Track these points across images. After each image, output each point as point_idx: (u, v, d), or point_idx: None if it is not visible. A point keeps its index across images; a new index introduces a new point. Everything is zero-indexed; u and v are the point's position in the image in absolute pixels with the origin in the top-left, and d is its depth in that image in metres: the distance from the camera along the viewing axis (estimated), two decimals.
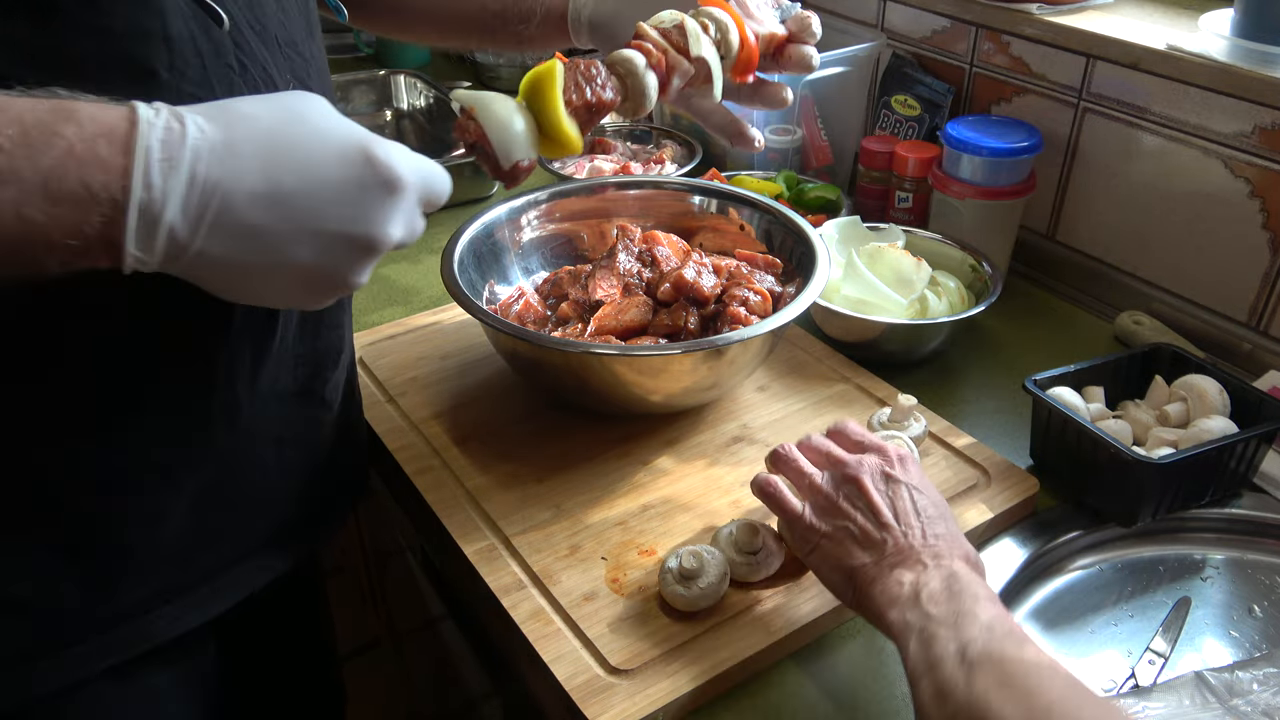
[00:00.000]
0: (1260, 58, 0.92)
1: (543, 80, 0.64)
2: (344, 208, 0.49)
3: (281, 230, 0.47)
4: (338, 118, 0.51)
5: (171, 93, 0.52)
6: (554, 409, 0.89)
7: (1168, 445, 0.81)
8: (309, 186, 0.48)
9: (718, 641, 0.67)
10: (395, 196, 0.50)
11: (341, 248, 0.50)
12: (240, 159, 0.46)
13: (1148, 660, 0.72)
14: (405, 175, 0.50)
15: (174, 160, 0.44)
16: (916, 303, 0.98)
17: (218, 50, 0.55)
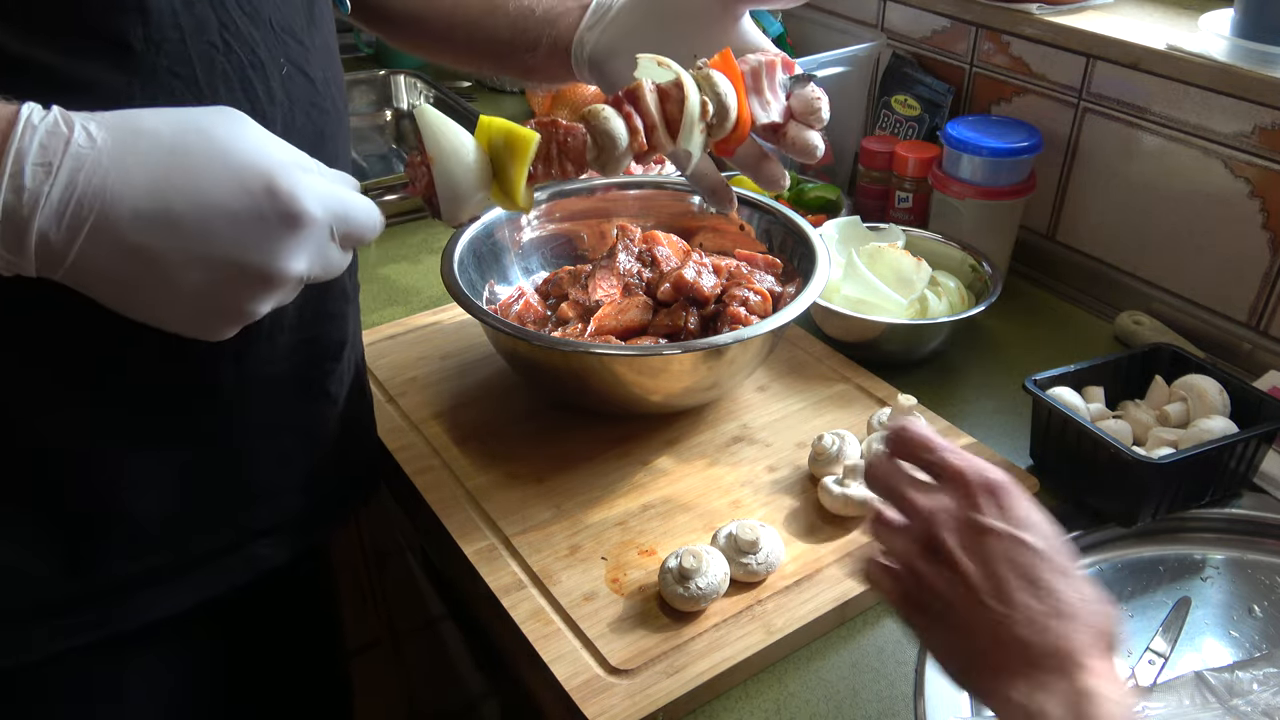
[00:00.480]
0: (1260, 58, 0.92)
1: (516, 150, 0.59)
2: (238, 237, 0.47)
3: (166, 252, 0.46)
4: (253, 140, 0.49)
5: (148, 67, 0.52)
6: (554, 409, 0.89)
7: (1168, 445, 0.81)
8: (200, 211, 0.46)
9: (718, 641, 0.67)
10: (297, 231, 0.48)
11: (234, 277, 0.48)
12: (128, 173, 0.45)
13: (1148, 660, 0.72)
14: (310, 210, 0.48)
15: (51, 165, 0.43)
16: (916, 303, 0.98)
17: (200, 26, 0.54)
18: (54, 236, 0.44)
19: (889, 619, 0.72)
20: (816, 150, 0.71)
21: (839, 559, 0.74)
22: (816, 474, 0.81)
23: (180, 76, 0.53)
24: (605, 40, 0.76)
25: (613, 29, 0.75)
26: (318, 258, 0.50)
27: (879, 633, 0.71)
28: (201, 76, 0.54)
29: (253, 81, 0.58)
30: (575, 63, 0.78)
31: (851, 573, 0.65)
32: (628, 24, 0.75)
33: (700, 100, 0.63)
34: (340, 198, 0.51)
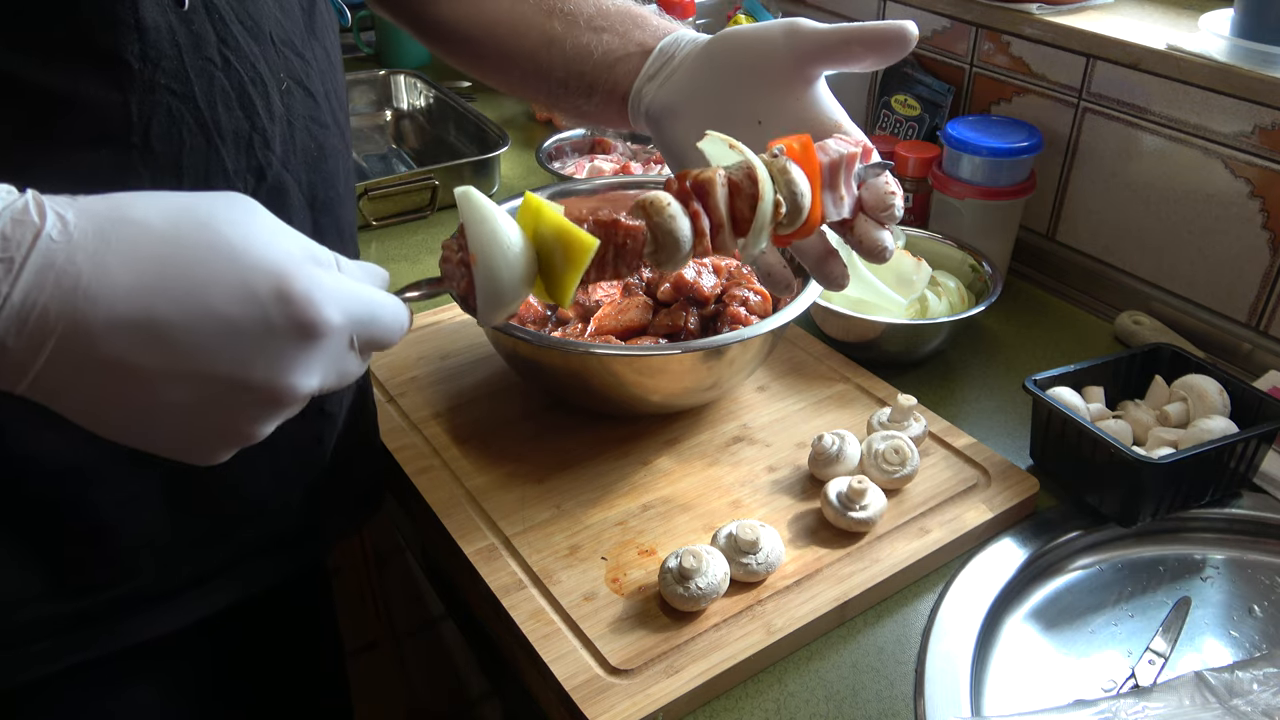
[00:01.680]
0: (1260, 58, 0.92)
1: (572, 256, 0.51)
2: (240, 351, 0.40)
3: (149, 367, 0.39)
4: (263, 232, 0.42)
5: (145, 85, 0.50)
6: (554, 409, 0.89)
7: (1168, 445, 0.81)
8: (192, 320, 0.39)
9: (718, 641, 0.67)
10: (312, 342, 0.41)
11: (234, 396, 0.41)
12: (107, 273, 0.38)
13: (1148, 660, 0.72)
14: (328, 318, 0.41)
15: (13, 261, 0.36)
16: (916, 303, 0.98)
17: (198, 43, 0.52)
18: (13, 345, 0.37)
19: (889, 619, 0.72)
20: (886, 252, 0.62)
21: (839, 558, 0.74)
22: (817, 474, 0.81)
23: (178, 94, 0.52)
24: (665, 95, 0.70)
25: (675, 84, 0.69)
26: (332, 369, 0.44)
27: (879, 633, 0.71)
28: (200, 94, 0.53)
29: (252, 98, 0.57)
30: (632, 113, 0.73)
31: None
32: (692, 80, 0.68)
33: (774, 199, 0.55)
34: (364, 299, 0.44)
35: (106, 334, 0.38)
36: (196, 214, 0.41)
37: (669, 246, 0.54)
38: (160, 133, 0.52)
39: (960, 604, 0.72)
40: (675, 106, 0.68)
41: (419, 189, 1.26)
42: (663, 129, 0.70)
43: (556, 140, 1.38)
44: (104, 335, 0.38)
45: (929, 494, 0.80)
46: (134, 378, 0.39)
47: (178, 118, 0.53)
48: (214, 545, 0.67)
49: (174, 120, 0.52)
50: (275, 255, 0.41)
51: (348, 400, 0.73)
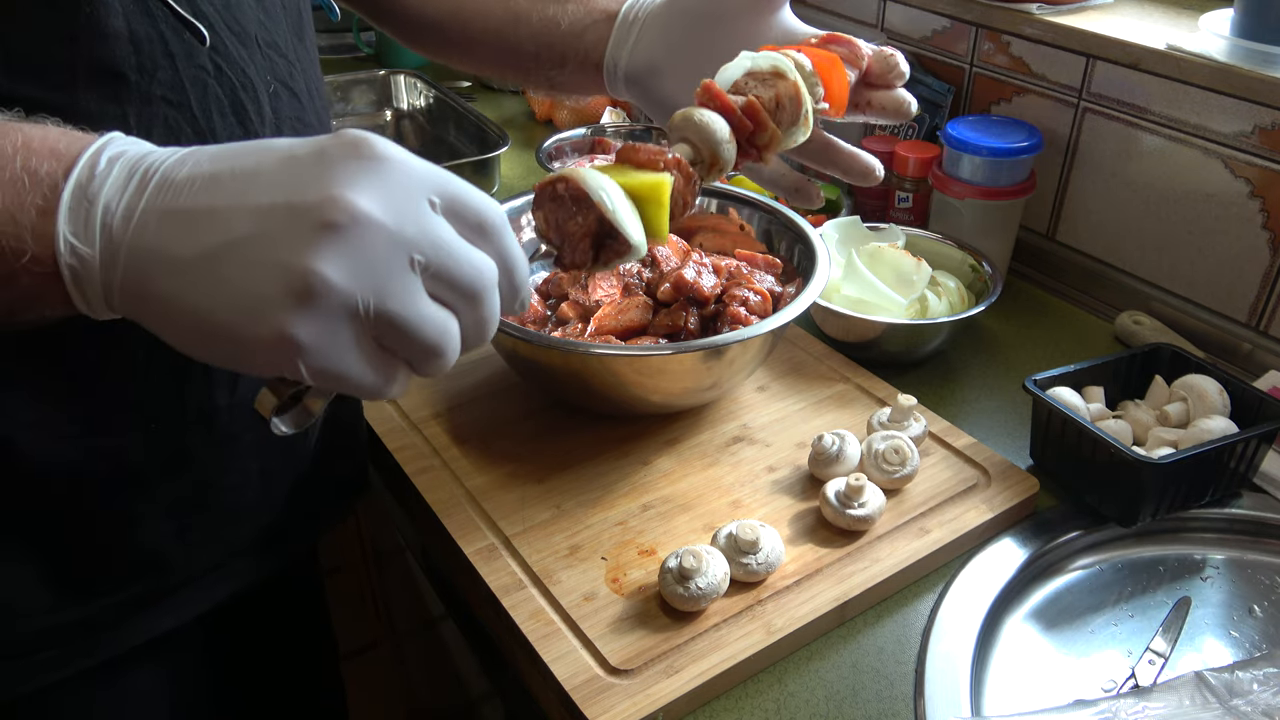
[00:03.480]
0: (1260, 58, 0.92)
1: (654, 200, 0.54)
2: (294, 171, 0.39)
3: (219, 205, 0.39)
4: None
5: (141, 96, 0.51)
6: (554, 409, 0.89)
7: (1168, 445, 0.81)
8: (258, 162, 0.40)
9: (718, 641, 0.67)
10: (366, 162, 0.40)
11: (286, 218, 0.39)
12: (197, 155, 0.41)
13: (1148, 660, 0.72)
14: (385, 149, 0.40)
15: (118, 155, 0.41)
16: (916, 303, 0.98)
17: (190, 52, 0.53)
18: (116, 209, 0.39)
19: (889, 619, 0.72)
20: (910, 105, 0.67)
21: (839, 558, 0.74)
22: (817, 474, 0.81)
23: (174, 104, 0.52)
24: (644, 56, 0.72)
25: (649, 43, 0.71)
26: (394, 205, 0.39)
27: (879, 633, 0.71)
28: (195, 103, 0.54)
29: (244, 103, 0.57)
30: (609, 80, 0.75)
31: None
32: (666, 37, 0.71)
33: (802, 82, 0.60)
34: (447, 175, 0.42)
35: (186, 188, 0.40)
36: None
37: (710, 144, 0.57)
38: (159, 144, 0.51)
39: (960, 604, 0.72)
40: (656, 64, 0.71)
41: None
42: (649, 89, 0.72)
43: (556, 140, 1.38)
44: (184, 189, 0.40)
45: (929, 494, 0.80)
46: (206, 215, 0.39)
47: (175, 128, 0.53)
48: (209, 545, 0.67)
49: (171, 131, 0.53)
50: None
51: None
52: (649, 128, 1.42)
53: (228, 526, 0.68)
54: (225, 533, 0.68)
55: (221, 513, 0.67)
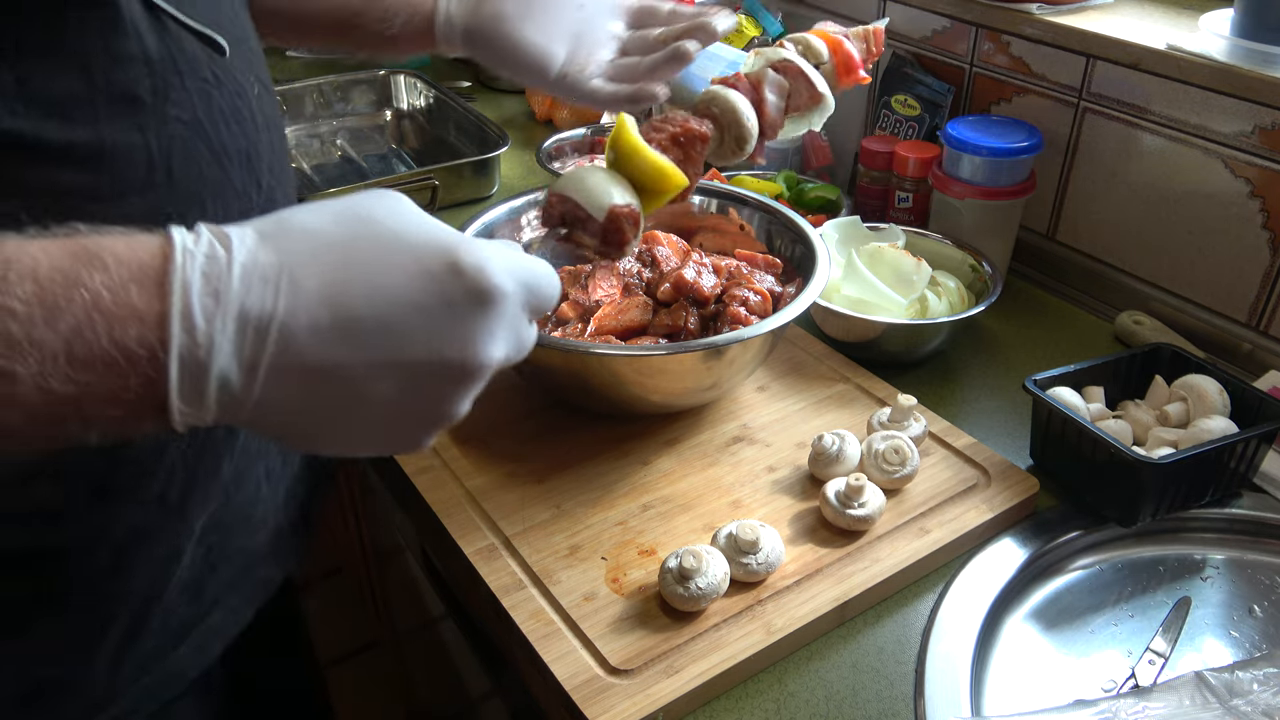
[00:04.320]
0: (1260, 58, 0.92)
1: (616, 133, 0.60)
2: (430, 330, 0.41)
3: (353, 364, 0.40)
4: (417, 217, 0.43)
5: (159, 119, 0.49)
6: (554, 409, 0.89)
7: (1168, 445, 0.81)
8: (381, 309, 0.40)
9: (718, 641, 0.67)
10: (490, 309, 0.42)
11: (433, 379, 0.42)
12: (298, 284, 0.39)
13: (1148, 660, 0.72)
14: (502, 284, 0.42)
15: (220, 294, 0.37)
16: (916, 303, 0.98)
17: (194, 66, 0.52)
18: (234, 377, 0.38)
19: (889, 619, 0.72)
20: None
21: (839, 558, 0.74)
22: (817, 474, 0.81)
23: (186, 122, 0.51)
24: (490, 8, 0.75)
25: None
26: (512, 337, 0.44)
27: (879, 633, 0.71)
28: (204, 117, 0.52)
29: (240, 109, 0.56)
30: (441, 33, 0.77)
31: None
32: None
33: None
34: (524, 264, 0.45)
35: (311, 341, 0.39)
36: (358, 211, 0.42)
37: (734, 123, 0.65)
38: (180, 167, 0.51)
39: (960, 604, 0.72)
40: (501, 11, 0.74)
41: (419, 189, 1.26)
42: (493, 35, 0.75)
43: (556, 140, 1.38)
44: (309, 343, 0.39)
45: (929, 494, 0.80)
46: (340, 377, 0.40)
47: (192, 148, 0.52)
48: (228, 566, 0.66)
49: (189, 152, 0.51)
50: (437, 234, 0.42)
51: None
52: None
53: (244, 544, 0.67)
54: (242, 551, 0.67)
55: (239, 531, 0.66)
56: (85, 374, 0.36)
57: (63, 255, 0.36)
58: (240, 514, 0.65)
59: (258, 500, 0.66)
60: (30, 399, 0.35)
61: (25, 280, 0.35)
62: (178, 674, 0.64)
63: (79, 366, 0.35)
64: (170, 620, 0.62)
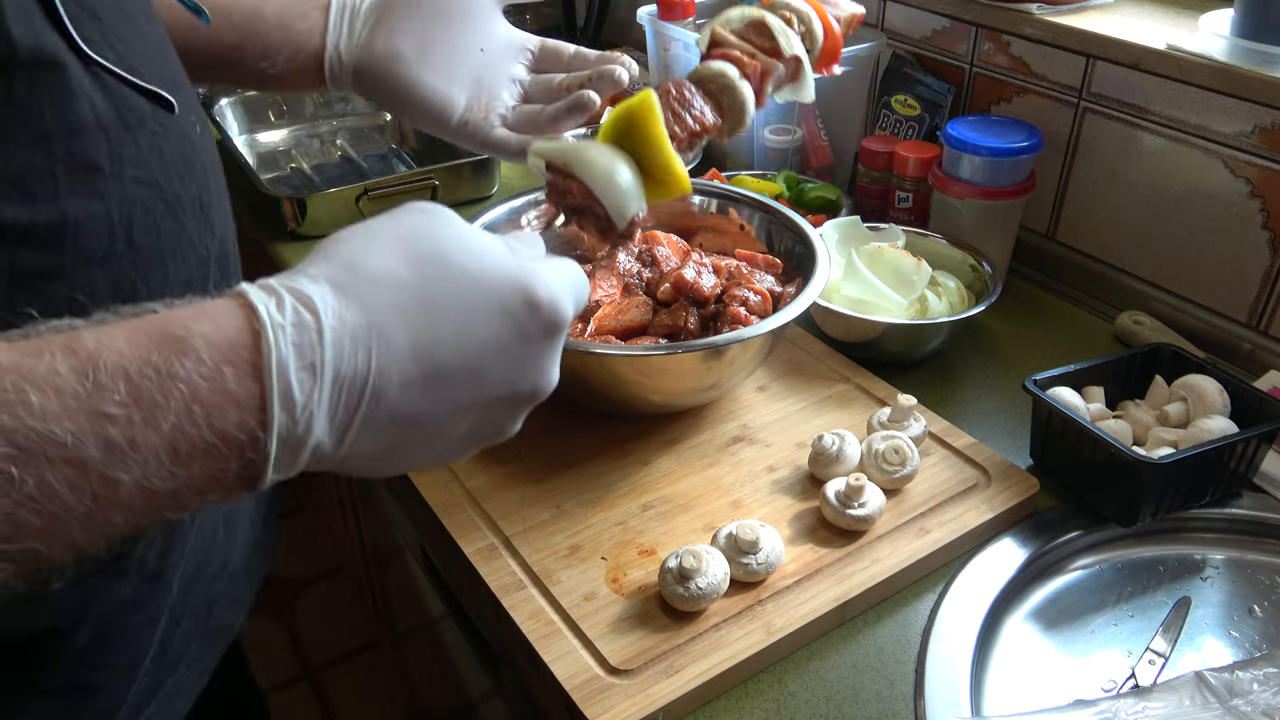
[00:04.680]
0: (1260, 58, 0.92)
1: (641, 118, 0.56)
2: (507, 368, 0.42)
3: (439, 411, 0.41)
4: (482, 248, 0.43)
5: (117, 184, 0.46)
6: (554, 409, 0.89)
7: (1168, 445, 0.81)
8: (469, 357, 0.41)
9: (718, 641, 0.67)
10: (559, 336, 0.44)
11: (503, 406, 0.44)
12: (388, 342, 0.39)
13: (1148, 660, 0.72)
14: (568, 313, 0.44)
15: (315, 366, 0.37)
16: (916, 303, 0.98)
17: (142, 120, 0.49)
18: (327, 443, 0.38)
19: (889, 619, 0.72)
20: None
21: (839, 558, 0.74)
22: (817, 474, 0.81)
23: (143, 181, 0.48)
24: (382, 46, 0.71)
25: (387, 33, 0.70)
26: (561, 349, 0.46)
27: (879, 633, 0.71)
28: (158, 173, 0.50)
29: (188, 156, 0.53)
30: (330, 72, 0.73)
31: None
32: (403, 25, 0.70)
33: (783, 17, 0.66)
34: (574, 280, 0.46)
35: (401, 395, 0.39)
36: (426, 249, 0.41)
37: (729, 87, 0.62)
38: (140, 230, 0.48)
39: (960, 604, 0.72)
40: (398, 51, 0.71)
41: (419, 189, 1.26)
42: (386, 76, 0.71)
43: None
44: (399, 397, 0.39)
45: (929, 494, 0.80)
46: (426, 423, 0.41)
47: (150, 207, 0.49)
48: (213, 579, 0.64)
49: (148, 211, 0.49)
50: (508, 268, 0.42)
51: None
52: None
53: (225, 554, 0.65)
54: (223, 561, 0.65)
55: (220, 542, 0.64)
56: (186, 468, 0.35)
57: (147, 344, 0.35)
58: (199, 563, 0.62)
59: (215, 546, 0.64)
60: (131, 501, 0.34)
61: (118, 380, 0.34)
62: (185, 688, 0.63)
63: (181, 461, 0.35)
64: (142, 682, 0.59)
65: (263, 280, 0.39)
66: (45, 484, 0.32)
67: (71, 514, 0.33)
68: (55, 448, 0.32)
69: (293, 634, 1.92)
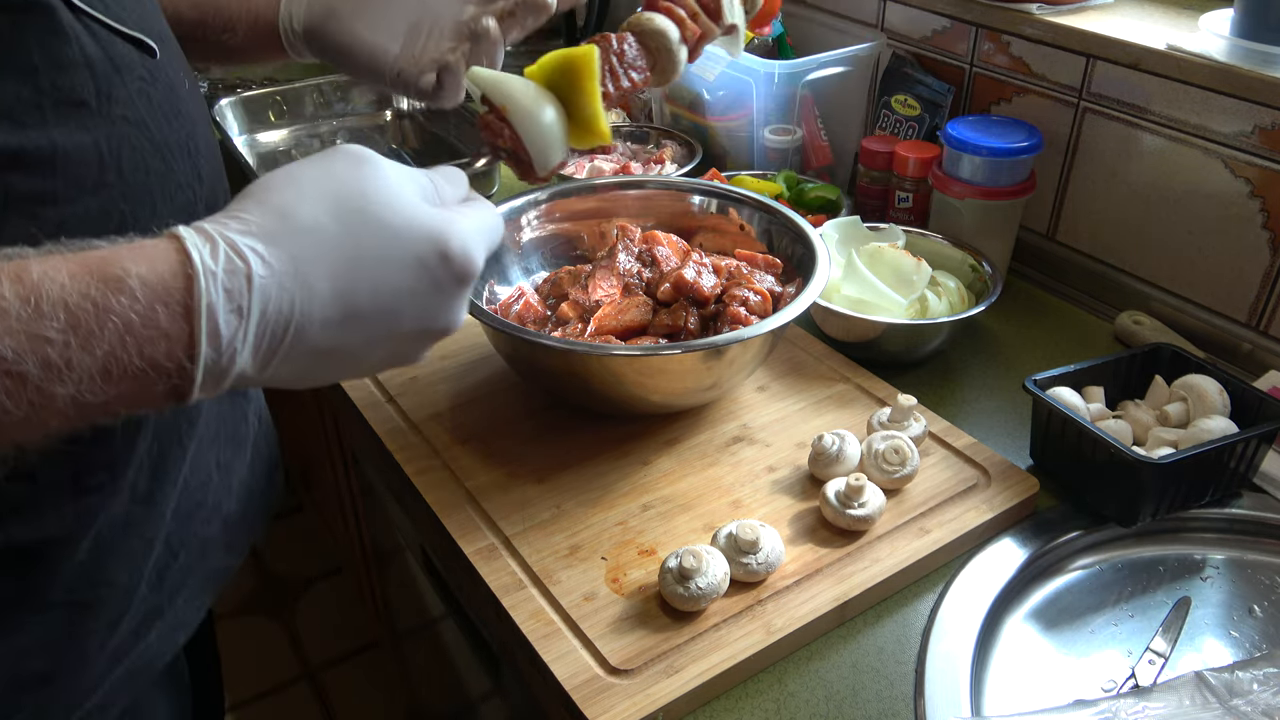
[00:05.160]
0: (1260, 58, 0.92)
1: (580, 70, 0.59)
2: (420, 311, 0.47)
3: (355, 345, 0.46)
4: (404, 201, 0.47)
5: (105, 120, 0.50)
6: (554, 409, 0.89)
7: (1168, 445, 0.81)
8: (385, 302, 0.46)
9: (718, 641, 0.67)
10: (469, 283, 0.49)
11: (416, 341, 0.49)
12: (311, 289, 0.43)
13: (1148, 660, 0.72)
14: (479, 263, 0.49)
15: (242, 309, 0.41)
16: (916, 303, 0.98)
17: (130, 66, 0.52)
18: (250, 371, 0.43)
19: (889, 619, 0.72)
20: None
21: (839, 558, 0.74)
22: (817, 474, 0.81)
23: (131, 121, 0.52)
24: (318, 6, 0.73)
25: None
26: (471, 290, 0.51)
27: (879, 633, 0.71)
28: (146, 115, 0.53)
29: (176, 105, 0.56)
30: (286, 40, 0.75)
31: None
32: None
33: None
34: (489, 229, 0.51)
35: (321, 332, 0.44)
36: (352, 201, 0.45)
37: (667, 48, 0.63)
38: (129, 165, 0.51)
39: (960, 604, 0.72)
40: (333, 8, 0.73)
41: None
42: (326, 34, 0.73)
43: None
44: (319, 334, 0.44)
45: (929, 494, 0.80)
46: (342, 353, 0.46)
47: (138, 146, 0.52)
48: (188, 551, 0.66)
49: (136, 150, 0.52)
50: (426, 222, 0.47)
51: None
52: (651, 128, 1.42)
53: (202, 529, 0.67)
54: (201, 536, 0.67)
55: (198, 516, 0.66)
56: (116, 387, 0.39)
57: (87, 280, 0.39)
58: (195, 501, 0.65)
59: (210, 488, 0.67)
60: (66, 410, 0.39)
61: (58, 310, 0.38)
62: (147, 665, 0.65)
63: (112, 382, 0.39)
64: (140, 608, 0.62)
65: (198, 224, 0.43)
66: None
67: (10, 417, 0.37)
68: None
69: (293, 634, 1.92)
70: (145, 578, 0.62)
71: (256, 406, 0.75)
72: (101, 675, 0.61)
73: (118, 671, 0.63)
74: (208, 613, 0.91)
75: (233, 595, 1.99)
